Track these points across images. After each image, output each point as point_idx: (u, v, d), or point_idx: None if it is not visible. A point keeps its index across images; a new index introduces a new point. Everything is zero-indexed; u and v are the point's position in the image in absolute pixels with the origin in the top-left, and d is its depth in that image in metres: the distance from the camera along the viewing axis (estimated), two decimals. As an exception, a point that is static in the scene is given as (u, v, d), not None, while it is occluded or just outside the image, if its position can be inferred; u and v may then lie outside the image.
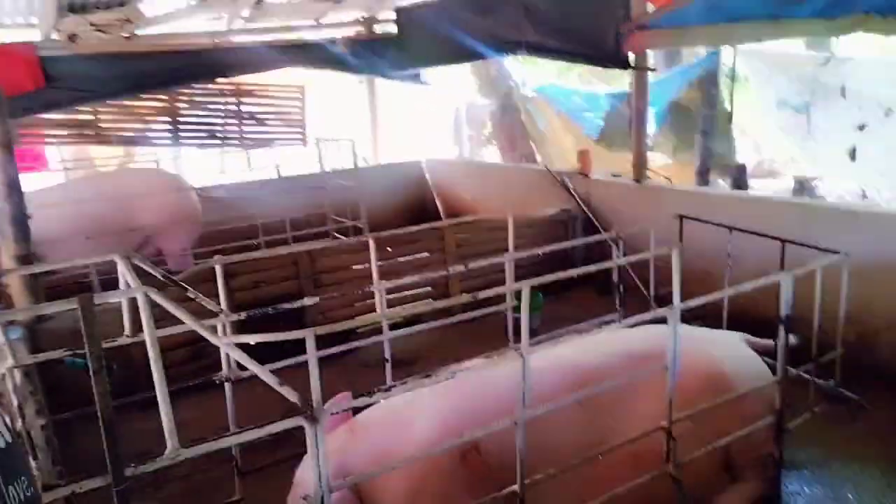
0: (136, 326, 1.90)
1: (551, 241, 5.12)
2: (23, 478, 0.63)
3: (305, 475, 2.10)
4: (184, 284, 1.89)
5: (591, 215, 5.20)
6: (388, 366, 2.55)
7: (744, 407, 2.41)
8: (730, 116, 8.23)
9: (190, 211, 5.14)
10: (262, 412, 2.72)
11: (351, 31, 6.25)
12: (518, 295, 2.46)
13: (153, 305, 1.50)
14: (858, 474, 2.69)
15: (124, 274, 1.69)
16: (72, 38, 5.01)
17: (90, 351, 1.20)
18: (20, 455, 0.65)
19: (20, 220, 3.09)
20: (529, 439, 2.00)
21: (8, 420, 0.65)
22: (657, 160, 8.37)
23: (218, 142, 7.08)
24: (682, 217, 3.61)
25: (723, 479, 2.49)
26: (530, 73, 9.34)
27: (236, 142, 7.17)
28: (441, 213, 7.63)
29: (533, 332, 3.92)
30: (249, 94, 7.38)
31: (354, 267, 4.21)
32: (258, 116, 7.70)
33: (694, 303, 2.13)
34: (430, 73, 6.95)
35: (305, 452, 2.25)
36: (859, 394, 3.02)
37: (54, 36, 5.26)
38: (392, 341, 2.83)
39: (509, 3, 5.01)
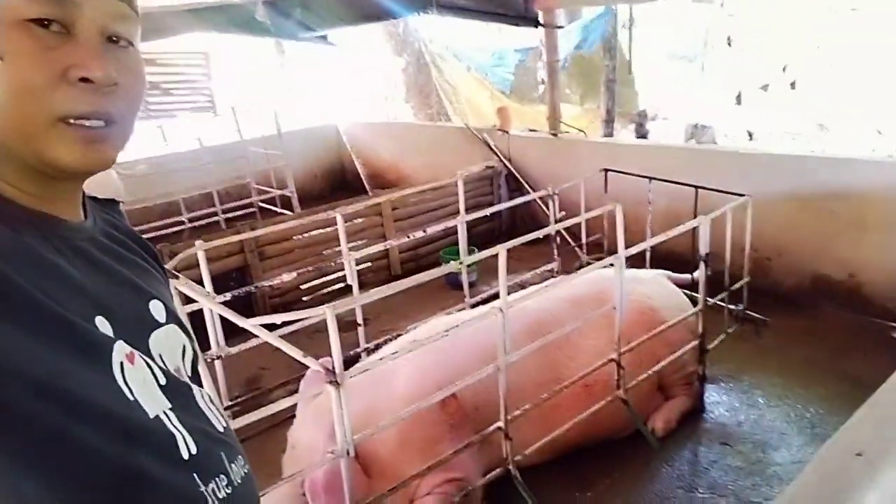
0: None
1: (479, 197, 5.41)
2: (240, 457, 0.69)
3: (301, 435, 2.28)
4: (175, 273, 1.97)
5: (513, 171, 5.48)
6: (362, 329, 2.72)
7: (672, 335, 2.79)
8: (629, 66, 8.71)
9: (113, 192, 4.99)
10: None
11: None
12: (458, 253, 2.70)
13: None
14: (764, 381, 3.16)
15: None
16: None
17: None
18: (235, 437, 0.71)
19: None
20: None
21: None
22: (567, 111, 8.73)
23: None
24: (606, 170, 3.94)
25: (658, 398, 2.89)
26: (439, 29, 9.39)
27: (142, 114, 6.89)
28: (362, 176, 7.69)
29: (472, 285, 4.19)
30: (151, 63, 7.07)
31: (295, 238, 4.32)
32: (162, 86, 7.40)
33: (636, 249, 2.44)
34: (344, 34, 6.88)
35: (293, 416, 2.44)
36: (761, 314, 3.52)
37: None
38: (338, 306, 2.96)
39: (420, -37, 5.08)
